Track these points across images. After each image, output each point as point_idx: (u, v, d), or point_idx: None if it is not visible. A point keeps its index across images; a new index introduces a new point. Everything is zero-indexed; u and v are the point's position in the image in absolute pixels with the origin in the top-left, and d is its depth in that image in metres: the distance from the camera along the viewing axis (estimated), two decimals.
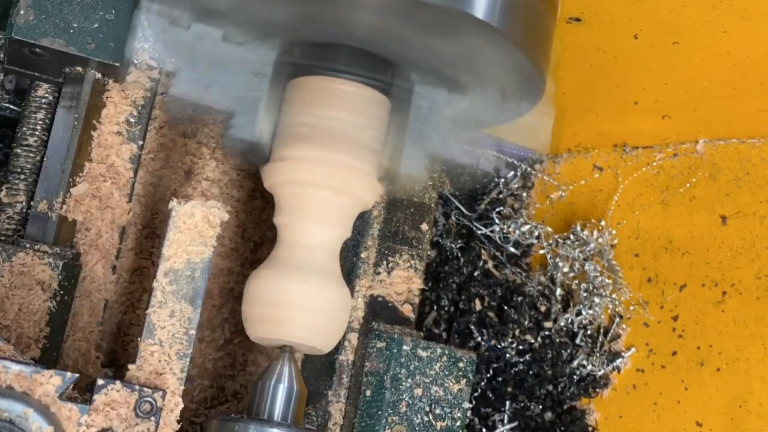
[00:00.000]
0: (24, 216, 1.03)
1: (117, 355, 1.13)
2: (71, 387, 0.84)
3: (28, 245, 0.99)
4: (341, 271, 1.01)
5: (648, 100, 1.25)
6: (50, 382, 0.83)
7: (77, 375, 0.84)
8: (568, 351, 1.30)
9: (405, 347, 1.06)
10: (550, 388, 1.30)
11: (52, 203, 1.02)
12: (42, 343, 0.97)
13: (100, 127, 1.06)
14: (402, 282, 1.13)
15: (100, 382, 0.86)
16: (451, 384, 1.06)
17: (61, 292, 0.99)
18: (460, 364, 1.07)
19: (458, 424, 1.06)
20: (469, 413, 1.09)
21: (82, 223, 1.05)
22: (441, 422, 1.05)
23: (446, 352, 1.07)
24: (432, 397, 1.05)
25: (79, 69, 1.04)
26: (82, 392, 0.90)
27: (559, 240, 1.33)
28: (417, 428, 1.05)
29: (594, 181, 1.38)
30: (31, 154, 1.05)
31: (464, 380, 1.07)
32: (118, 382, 0.86)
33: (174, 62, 1.14)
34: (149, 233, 1.15)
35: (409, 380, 1.06)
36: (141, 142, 1.08)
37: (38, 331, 0.97)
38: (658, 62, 1.16)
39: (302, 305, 0.97)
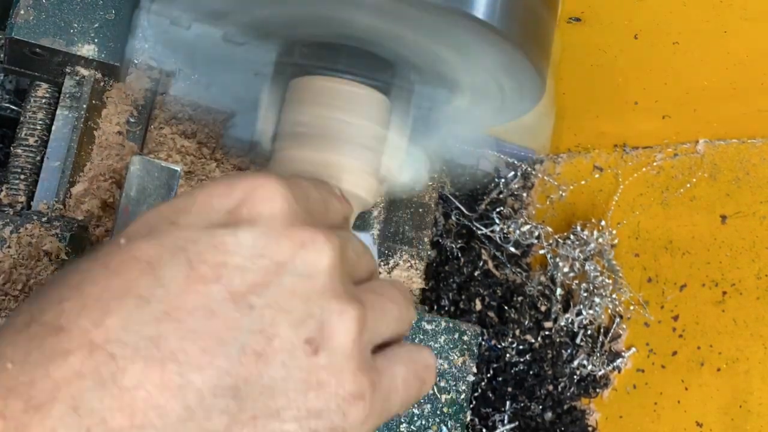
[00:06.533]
0: None
1: None
2: None
3: (35, 217, 0.97)
4: None
5: (648, 100, 1.24)
6: None
7: None
8: (569, 351, 1.30)
9: None
10: (551, 388, 1.29)
11: (52, 203, 1.02)
12: None
13: (100, 127, 1.06)
14: (402, 282, 1.13)
15: None
16: (455, 357, 1.05)
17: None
18: (465, 338, 1.06)
19: (462, 396, 1.05)
20: (472, 385, 1.07)
21: None
22: (445, 395, 1.04)
23: (451, 325, 1.06)
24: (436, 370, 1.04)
25: (79, 69, 1.04)
26: None
27: (559, 240, 1.33)
28: (421, 401, 1.04)
29: (594, 181, 1.38)
30: (31, 154, 1.05)
31: (468, 353, 1.05)
32: None
33: (174, 62, 1.14)
34: None
35: None
36: (141, 142, 1.08)
37: None
38: (658, 62, 1.16)
39: None
